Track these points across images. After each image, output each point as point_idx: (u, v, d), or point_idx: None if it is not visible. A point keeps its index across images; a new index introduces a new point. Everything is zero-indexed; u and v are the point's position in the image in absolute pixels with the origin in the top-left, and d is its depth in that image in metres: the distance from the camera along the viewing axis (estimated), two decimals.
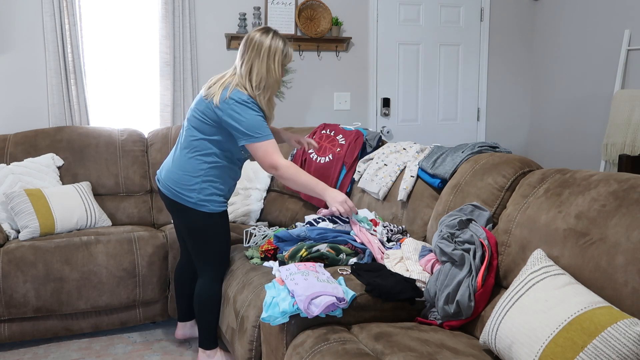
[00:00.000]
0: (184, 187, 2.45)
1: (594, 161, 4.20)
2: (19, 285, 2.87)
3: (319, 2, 4.23)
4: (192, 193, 2.44)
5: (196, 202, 2.45)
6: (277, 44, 2.42)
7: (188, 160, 2.46)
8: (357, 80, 4.47)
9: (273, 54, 2.41)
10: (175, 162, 2.50)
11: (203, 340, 2.64)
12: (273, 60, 2.41)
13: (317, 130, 3.43)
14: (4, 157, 3.39)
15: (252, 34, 2.43)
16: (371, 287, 2.06)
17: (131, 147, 3.64)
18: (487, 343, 1.75)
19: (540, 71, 4.80)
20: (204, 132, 2.43)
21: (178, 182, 2.46)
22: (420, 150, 2.86)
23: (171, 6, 3.84)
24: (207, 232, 2.53)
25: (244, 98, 2.36)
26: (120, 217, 3.53)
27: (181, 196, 2.46)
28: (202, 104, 2.43)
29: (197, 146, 2.44)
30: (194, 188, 2.44)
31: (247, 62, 2.40)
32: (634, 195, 1.68)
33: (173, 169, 2.49)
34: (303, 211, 3.31)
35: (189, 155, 2.46)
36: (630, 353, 1.39)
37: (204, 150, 2.44)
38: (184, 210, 2.48)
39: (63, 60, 3.66)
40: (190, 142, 2.46)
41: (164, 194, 2.53)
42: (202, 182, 2.44)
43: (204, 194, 2.45)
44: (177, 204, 2.49)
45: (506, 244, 2.03)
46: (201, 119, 2.42)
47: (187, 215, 2.50)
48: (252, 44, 2.41)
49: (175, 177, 2.47)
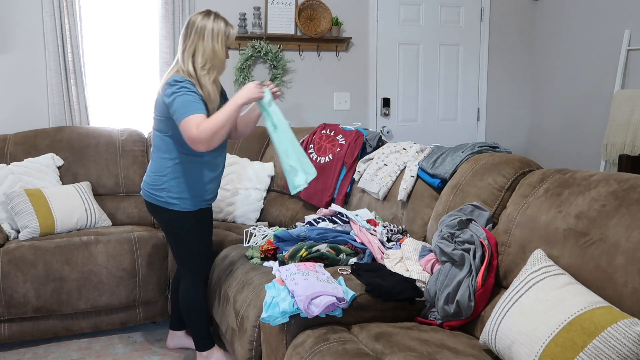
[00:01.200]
0: (155, 187, 2.47)
1: (594, 161, 4.19)
2: (19, 285, 2.87)
3: (319, 2, 4.23)
4: (162, 192, 2.46)
5: (166, 200, 2.46)
6: (219, 25, 2.40)
7: (155, 161, 2.49)
8: (357, 80, 4.47)
9: (216, 35, 2.38)
10: (149, 166, 2.54)
11: (197, 343, 2.65)
12: (217, 41, 2.38)
13: (317, 130, 3.43)
14: (4, 157, 3.39)
15: (193, 18, 2.40)
16: (371, 287, 2.06)
17: (131, 147, 3.64)
18: (487, 343, 1.75)
19: (540, 71, 4.80)
20: (160, 130, 2.45)
21: (150, 184, 2.50)
22: (420, 150, 2.86)
23: (171, 6, 3.84)
24: (180, 232, 2.51)
25: (176, 79, 2.32)
26: (120, 217, 3.53)
27: (153, 196, 2.48)
28: (157, 100, 2.43)
29: (159, 145, 2.47)
30: (162, 187, 2.46)
31: (191, 45, 2.38)
32: (634, 195, 1.68)
33: (148, 172, 2.54)
34: (303, 211, 3.31)
35: (155, 156, 2.49)
36: (630, 353, 1.39)
37: (165, 148, 2.45)
38: (158, 210, 2.51)
39: (63, 60, 3.66)
40: (156, 143, 2.49)
41: (144, 197, 2.56)
42: (170, 179, 2.45)
43: (174, 192, 2.45)
44: (153, 206, 2.52)
45: (506, 244, 2.03)
46: (156, 117, 2.46)
47: (161, 216, 2.52)
48: (194, 28, 2.38)
49: (148, 179, 2.52)
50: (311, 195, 3.21)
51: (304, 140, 3.43)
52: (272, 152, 3.74)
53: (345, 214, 2.73)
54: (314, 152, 3.31)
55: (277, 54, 4.12)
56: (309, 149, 3.35)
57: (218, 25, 2.40)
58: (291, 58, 4.25)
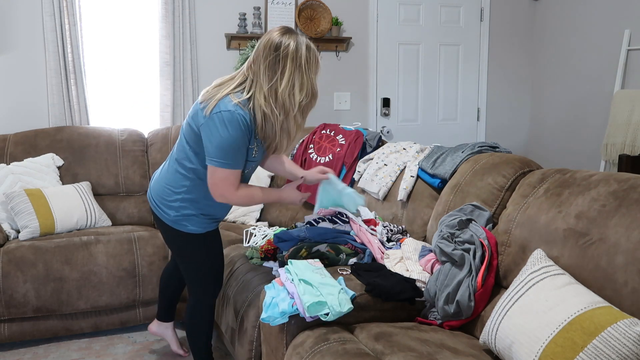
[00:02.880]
0: (164, 202, 2.19)
1: (594, 161, 4.19)
2: (19, 285, 2.87)
3: (319, 2, 4.23)
4: (170, 210, 2.17)
5: (173, 220, 2.18)
6: (315, 55, 2.07)
7: (173, 173, 2.17)
8: (357, 80, 4.47)
9: (313, 64, 2.08)
10: (164, 172, 2.23)
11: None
12: (312, 71, 2.08)
13: (317, 130, 3.43)
14: (4, 157, 3.39)
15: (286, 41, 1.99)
16: (371, 287, 2.06)
17: (131, 147, 3.64)
18: (487, 343, 1.75)
19: (540, 71, 4.80)
20: (192, 145, 2.09)
21: (160, 196, 2.21)
22: (420, 150, 2.86)
23: (171, 6, 3.84)
24: (187, 252, 2.27)
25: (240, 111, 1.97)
26: (120, 217, 3.53)
27: (160, 211, 2.21)
28: (196, 109, 2.08)
29: (182, 157, 2.14)
30: (172, 205, 2.17)
31: (285, 75, 2.00)
32: (634, 195, 1.68)
33: (160, 179, 2.23)
34: (303, 211, 3.31)
35: (176, 167, 2.16)
36: (630, 353, 1.39)
37: (188, 162, 2.13)
38: (162, 225, 2.25)
39: (63, 60, 3.67)
40: (180, 154, 2.15)
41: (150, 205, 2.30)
42: (182, 200, 2.15)
43: (182, 213, 2.17)
44: (158, 219, 2.26)
45: (506, 244, 2.03)
46: (193, 129, 2.07)
47: (165, 231, 2.27)
48: (287, 54, 1.99)
49: (159, 188, 2.21)
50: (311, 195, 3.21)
51: (304, 141, 3.43)
52: None
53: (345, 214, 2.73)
54: (314, 152, 3.31)
55: None
56: (309, 149, 3.35)
57: (313, 51, 2.06)
58: None
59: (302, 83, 2.04)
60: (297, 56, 2.00)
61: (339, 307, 1.89)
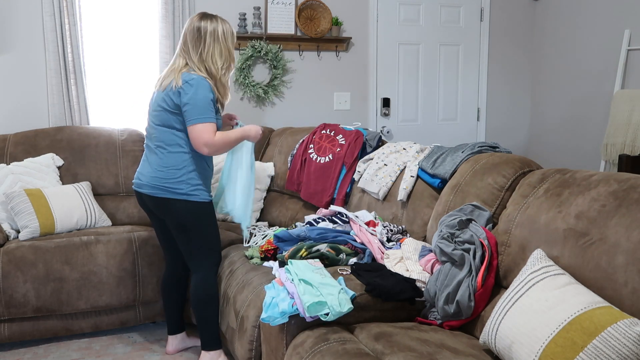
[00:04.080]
0: (173, 181, 2.48)
1: (594, 161, 4.19)
2: (19, 285, 2.87)
3: (319, 2, 4.23)
4: (182, 184, 2.49)
5: (187, 192, 2.49)
6: (228, 27, 2.57)
7: (167, 156, 2.50)
8: (357, 80, 4.47)
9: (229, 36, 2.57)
10: (156, 161, 2.53)
11: (206, 342, 2.60)
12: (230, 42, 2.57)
13: (317, 130, 3.43)
14: (4, 157, 3.39)
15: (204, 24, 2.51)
16: (371, 287, 2.06)
17: (131, 147, 3.64)
18: (487, 343, 1.75)
19: (540, 71, 4.80)
20: (168, 126, 2.49)
21: (165, 178, 2.49)
22: (420, 150, 2.86)
23: (171, 6, 3.84)
24: (200, 222, 2.55)
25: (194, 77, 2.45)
26: (120, 217, 3.53)
27: (172, 189, 2.48)
28: (160, 96, 2.49)
29: (168, 140, 2.50)
30: (181, 179, 2.49)
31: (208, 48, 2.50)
32: (634, 195, 1.68)
33: (155, 168, 2.52)
34: (303, 211, 3.31)
35: (167, 151, 2.50)
36: (630, 353, 1.39)
37: (177, 142, 2.50)
38: (174, 205, 2.50)
39: (63, 60, 3.66)
40: (163, 139, 2.51)
41: (151, 195, 2.52)
42: (188, 172, 2.50)
43: (192, 183, 2.50)
44: (167, 202, 2.50)
45: (506, 244, 2.03)
46: (166, 109, 2.47)
47: (178, 210, 2.51)
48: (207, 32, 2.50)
49: (161, 174, 2.50)
50: (311, 195, 3.21)
51: (304, 140, 3.43)
52: (272, 152, 3.74)
53: (345, 214, 2.73)
54: (314, 152, 3.31)
55: (277, 54, 4.12)
56: (309, 149, 3.35)
57: (227, 26, 2.57)
58: (291, 58, 4.25)
59: (221, 51, 2.52)
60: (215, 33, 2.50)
61: (339, 307, 1.89)
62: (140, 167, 2.64)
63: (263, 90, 4.15)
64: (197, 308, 2.60)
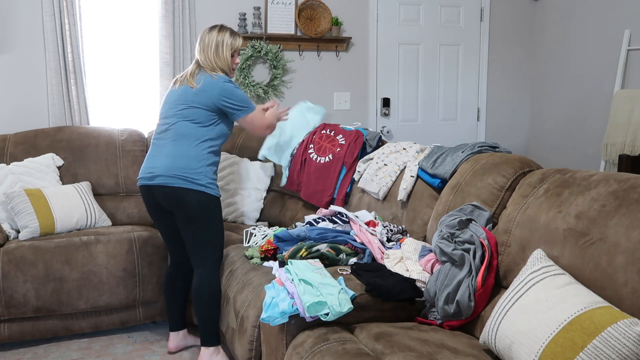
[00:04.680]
0: (193, 172, 2.56)
1: (594, 161, 4.19)
2: (19, 285, 2.87)
3: (319, 2, 4.23)
4: (200, 176, 2.57)
5: (205, 184, 2.57)
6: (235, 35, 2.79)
7: (189, 148, 2.59)
8: (357, 80, 4.47)
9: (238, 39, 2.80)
10: (174, 152, 2.59)
11: (205, 337, 2.61)
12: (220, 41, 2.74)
13: (317, 130, 3.43)
14: (4, 157, 3.39)
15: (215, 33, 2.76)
16: (371, 287, 2.06)
17: (131, 147, 3.64)
18: (487, 343, 1.75)
19: (540, 71, 4.80)
20: (199, 121, 2.61)
21: (185, 168, 2.55)
22: (420, 150, 2.86)
23: (171, 6, 3.84)
24: (210, 216, 2.61)
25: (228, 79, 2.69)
26: (120, 217, 3.53)
27: (191, 180, 2.55)
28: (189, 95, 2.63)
29: (194, 134, 2.60)
30: (200, 171, 2.57)
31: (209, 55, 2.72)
32: (634, 195, 1.68)
33: (176, 158, 2.58)
34: (303, 211, 3.31)
35: (188, 143, 2.59)
36: (630, 353, 1.39)
37: (202, 137, 2.61)
38: (189, 195, 2.54)
39: (63, 60, 3.66)
40: (186, 131, 2.60)
41: (166, 185, 2.55)
42: (206, 165, 2.60)
43: (209, 176, 2.61)
44: (182, 192, 2.53)
45: (506, 244, 2.03)
46: (194, 107, 2.61)
47: (191, 201, 2.55)
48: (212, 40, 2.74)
49: (181, 164, 2.56)
50: (311, 195, 3.21)
51: (304, 140, 3.42)
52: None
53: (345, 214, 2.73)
54: (314, 152, 3.30)
55: (277, 54, 4.12)
56: (309, 149, 3.35)
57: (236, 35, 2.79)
58: (291, 58, 4.25)
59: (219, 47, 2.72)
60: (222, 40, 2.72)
61: (339, 307, 1.89)
62: (149, 161, 2.66)
63: (263, 90, 4.15)
64: (199, 304, 2.61)
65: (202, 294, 2.59)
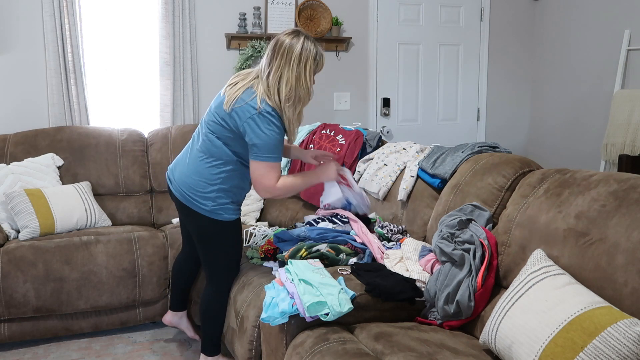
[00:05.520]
0: (199, 194, 2.32)
1: (594, 161, 4.19)
2: (19, 285, 2.87)
3: (319, 2, 4.23)
4: (207, 201, 2.32)
5: (211, 210, 2.33)
6: (308, 48, 2.20)
7: (205, 167, 2.32)
8: (357, 80, 4.47)
9: (305, 60, 2.20)
10: (191, 165, 2.36)
11: (206, 346, 2.58)
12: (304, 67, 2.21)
13: (317, 130, 3.43)
14: (4, 157, 3.39)
15: (282, 38, 2.21)
16: (371, 287, 2.06)
17: (131, 147, 3.64)
18: (487, 343, 1.75)
19: (540, 71, 4.80)
20: (223, 140, 2.29)
21: (193, 188, 2.33)
22: (420, 150, 2.86)
23: (171, 6, 3.84)
24: (219, 240, 2.41)
25: (269, 110, 2.19)
26: (120, 217, 3.53)
27: (195, 203, 2.33)
28: (222, 108, 2.26)
29: (216, 153, 2.30)
30: (209, 196, 2.32)
31: (277, 70, 2.20)
32: (634, 195, 1.68)
33: (188, 173, 2.35)
34: (303, 211, 3.31)
35: (207, 161, 2.32)
36: (630, 353, 1.39)
37: (223, 158, 2.30)
38: (196, 216, 2.37)
39: (63, 60, 3.66)
40: (209, 148, 2.31)
41: (176, 196, 2.40)
42: (218, 190, 2.32)
43: (219, 202, 2.33)
44: (192, 212, 2.37)
45: (506, 244, 2.03)
46: (221, 125, 2.27)
47: (199, 222, 2.38)
48: (281, 49, 2.19)
49: (191, 182, 2.34)
50: (311, 195, 3.21)
51: (304, 140, 3.43)
52: None
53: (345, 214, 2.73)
54: None
55: None
56: (308, 149, 3.35)
57: (307, 47, 2.21)
58: None
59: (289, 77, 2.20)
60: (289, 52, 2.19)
61: (339, 307, 1.89)
62: (176, 159, 2.47)
63: None
64: (204, 316, 2.55)
65: (208, 309, 2.52)
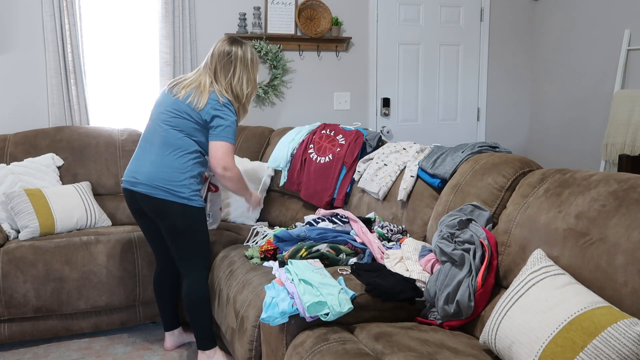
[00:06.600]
0: (175, 184, 2.50)
1: (594, 161, 4.19)
2: (19, 285, 2.87)
3: (319, 2, 4.23)
4: (183, 188, 2.51)
5: (188, 196, 2.52)
6: (254, 53, 2.70)
7: (174, 159, 2.53)
8: (357, 80, 4.47)
9: (256, 65, 2.72)
10: (158, 162, 2.53)
11: (201, 342, 2.63)
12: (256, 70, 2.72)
13: (317, 130, 3.43)
14: (4, 157, 3.39)
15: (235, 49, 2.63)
16: (371, 287, 2.06)
17: (131, 147, 3.63)
18: (487, 343, 1.75)
19: (540, 71, 4.80)
20: (187, 132, 2.55)
21: (168, 180, 2.50)
22: (420, 150, 2.86)
23: (171, 6, 3.84)
24: (196, 226, 2.58)
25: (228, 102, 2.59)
26: (120, 217, 3.53)
27: (173, 192, 2.49)
28: (182, 105, 2.56)
29: (181, 145, 2.54)
30: (183, 183, 2.52)
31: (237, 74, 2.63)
32: (634, 195, 1.68)
33: (160, 168, 2.52)
34: (303, 211, 3.31)
35: (173, 153, 2.53)
36: (630, 353, 1.39)
37: (189, 148, 2.55)
38: (172, 208, 2.50)
39: (63, 60, 3.66)
40: (172, 141, 2.54)
41: (149, 195, 2.51)
42: (190, 177, 2.54)
43: (192, 188, 2.54)
44: (165, 204, 2.50)
45: (506, 244, 2.03)
46: (185, 118, 2.55)
47: (175, 214, 2.51)
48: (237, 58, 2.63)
49: (164, 175, 2.51)
50: (311, 195, 3.21)
51: (304, 141, 3.43)
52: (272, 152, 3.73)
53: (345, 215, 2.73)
54: (314, 152, 3.31)
55: (277, 54, 4.12)
56: (309, 149, 3.35)
57: (255, 55, 2.70)
58: (291, 58, 4.25)
59: (248, 79, 2.67)
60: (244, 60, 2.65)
61: (339, 307, 1.89)
62: (133, 164, 2.60)
63: (263, 90, 4.15)
64: (190, 311, 2.61)
65: (192, 302, 2.60)
